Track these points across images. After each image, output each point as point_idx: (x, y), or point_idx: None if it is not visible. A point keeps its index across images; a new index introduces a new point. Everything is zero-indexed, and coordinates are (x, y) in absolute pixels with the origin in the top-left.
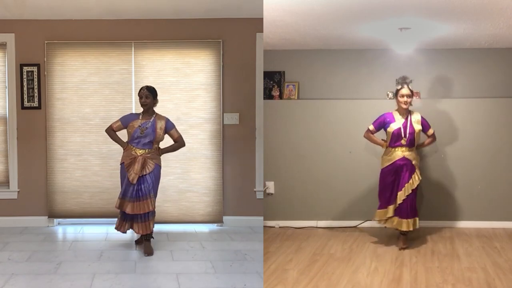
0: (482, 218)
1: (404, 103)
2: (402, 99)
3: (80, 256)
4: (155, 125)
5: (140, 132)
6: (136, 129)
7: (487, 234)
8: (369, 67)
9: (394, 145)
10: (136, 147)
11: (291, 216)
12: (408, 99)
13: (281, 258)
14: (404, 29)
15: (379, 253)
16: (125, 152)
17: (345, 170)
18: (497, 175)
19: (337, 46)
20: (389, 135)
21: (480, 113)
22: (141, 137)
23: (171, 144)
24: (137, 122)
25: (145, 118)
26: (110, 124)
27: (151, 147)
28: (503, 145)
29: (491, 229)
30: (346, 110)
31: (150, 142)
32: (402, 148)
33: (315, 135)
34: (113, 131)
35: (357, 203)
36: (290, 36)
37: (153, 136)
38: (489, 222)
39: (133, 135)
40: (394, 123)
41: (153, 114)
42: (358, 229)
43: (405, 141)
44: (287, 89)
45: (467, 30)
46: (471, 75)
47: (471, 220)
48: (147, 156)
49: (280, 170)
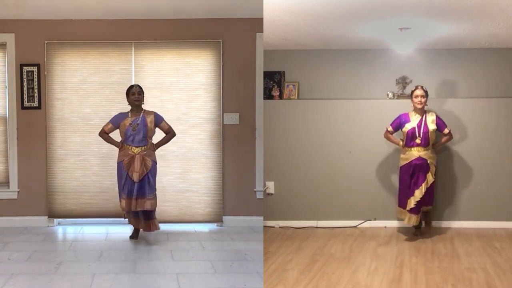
0: (483, 218)
1: (418, 103)
2: (417, 99)
3: (80, 256)
4: (145, 120)
5: (132, 130)
6: (128, 127)
7: (487, 234)
8: (369, 67)
9: (409, 144)
10: (132, 145)
11: (291, 216)
12: (422, 99)
13: (281, 258)
14: (404, 29)
15: (379, 253)
16: (121, 151)
17: (345, 170)
18: (497, 176)
19: (337, 46)
20: (405, 135)
21: (480, 113)
22: (134, 134)
23: (163, 137)
24: (127, 120)
25: (134, 115)
26: (102, 128)
27: (146, 143)
28: (503, 146)
29: (491, 229)
30: (346, 110)
31: (144, 138)
32: (418, 148)
33: (315, 135)
34: (106, 133)
35: (357, 203)
36: (290, 36)
37: (145, 130)
38: (490, 222)
39: (126, 133)
40: (409, 123)
41: (141, 111)
42: (358, 229)
43: (419, 140)
44: (287, 89)
45: (467, 30)
46: (471, 75)
47: (471, 220)
48: (144, 154)
49: (280, 170)
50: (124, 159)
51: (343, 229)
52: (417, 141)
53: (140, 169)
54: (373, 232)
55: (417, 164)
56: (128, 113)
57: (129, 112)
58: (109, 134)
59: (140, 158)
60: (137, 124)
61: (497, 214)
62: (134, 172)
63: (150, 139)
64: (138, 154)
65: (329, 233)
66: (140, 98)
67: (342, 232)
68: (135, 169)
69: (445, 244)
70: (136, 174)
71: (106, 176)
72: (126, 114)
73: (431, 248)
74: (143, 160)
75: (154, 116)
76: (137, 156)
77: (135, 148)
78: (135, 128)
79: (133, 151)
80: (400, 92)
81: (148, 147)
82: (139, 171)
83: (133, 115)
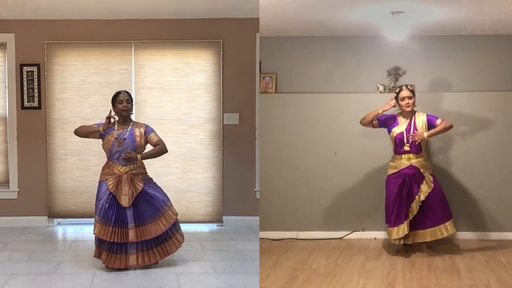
0: (486, 228)
1: (406, 106)
2: (403, 102)
3: (80, 256)
4: (133, 133)
5: (118, 145)
6: (113, 142)
7: (492, 247)
8: (356, 56)
9: (399, 151)
10: (118, 164)
11: (268, 226)
12: (410, 100)
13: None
14: (396, 13)
15: (368, 269)
16: (105, 170)
17: (330, 173)
18: (502, 180)
19: (320, 33)
20: (392, 140)
21: (483, 109)
22: (121, 151)
23: (152, 149)
24: (113, 134)
25: (121, 127)
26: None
27: (135, 161)
28: (510, 147)
29: (496, 240)
30: (330, 106)
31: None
32: (409, 155)
33: (295, 134)
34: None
35: (343, 211)
36: (266, 20)
37: (133, 146)
38: (494, 233)
39: (111, 150)
40: (397, 127)
41: (130, 122)
42: (344, 241)
43: (408, 146)
44: (263, 82)
45: (469, 14)
46: (472, 65)
47: (472, 231)
48: (133, 174)
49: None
50: (108, 179)
51: (327, 241)
52: (406, 148)
53: (129, 192)
54: (361, 245)
55: (409, 173)
56: (114, 126)
57: (115, 124)
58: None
59: (128, 178)
60: (123, 139)
61: (503, 224)
62: (122, 196)
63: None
64: (126, 174)
65: (311, 246)
66: (129, 107)
67: (326, 244)
68: (123, 192)
69: (444, 258)
70: (125, 198)
71: None
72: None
73: (427, 262)
74: (132, 181)
75: (145, 127)
76: (123, 176)
77: (121, 166)
78: (121, 143)
79: (119, 170)
80: (392, 85)
81: (138, 165)
82: (128, 193)
83: (120, 127)
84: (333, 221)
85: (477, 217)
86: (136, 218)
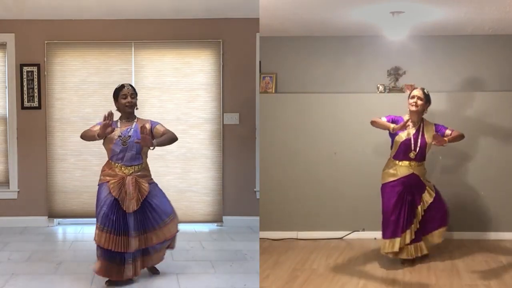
0: (486, 228)
1: (413, 105)
2: (412, 100)
3: (80, 256)
4: (138, 130)
5: (122, 144)
6: (116, 140)
7: (492, 247)
8: (356, 56)
9: (400, 158)
10: (121, 164)
11: (268, 226)
12: (419, 101)
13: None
14: (396, 13)
15: (368, 269)
16: (106, 171)
17: (330, 173)
18: (502, 180)
19: (320, 33)
20: (396, 145)
21: (484, 109)
22: (125, 150)
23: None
24: (116, 132)
25: (124, 125)
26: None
27: (141, 161)
28: (510, 148)
29: (496, 241)
30: (330, 106)
31: (137, 155)
32: (411, 163)
33: (295, 134)
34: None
35: (343, 211)
36: (266, 20)
37: (139, 145)
38: (494, 233)
39: (114, 149)
40: (404, 132)
41: (134, 119)
42: (344, 241)
43: (414, 155)
44: (263, 82)
45: (469, 14)
46: (473, 66)
47: (472, 231)
48: (138, 175)
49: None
50: (110, 181)
51: (327, 241)
52: (411, 155)
53: (135, 195)
54: (361, 245)
55: (409, 182)
56: (116, 122)
57: (118, 121)
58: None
59: (132, 180)
60: (128, 136)
61: (503, 224)
62: (127, 200)
63: (146, 156)
64: (130, 175)
65: (311, 246)
66: (133, 102)
67: (326, 244)
68: (129, 196)
69: (443, 258)
70: (131, 202)
71: None
72: (114, 123)
73: (427, 263)
74: (137, 184)
75: (150, 122)
76: (127, 178)
77: (125, 167)
78: (126, 141)
79: (122, 172)
80: (392, 85)
81: (143, 166)
82: (133, 197)
83: (124, 124)
84: (333, 221)
85: (477, 217)
86: (137, 227)
